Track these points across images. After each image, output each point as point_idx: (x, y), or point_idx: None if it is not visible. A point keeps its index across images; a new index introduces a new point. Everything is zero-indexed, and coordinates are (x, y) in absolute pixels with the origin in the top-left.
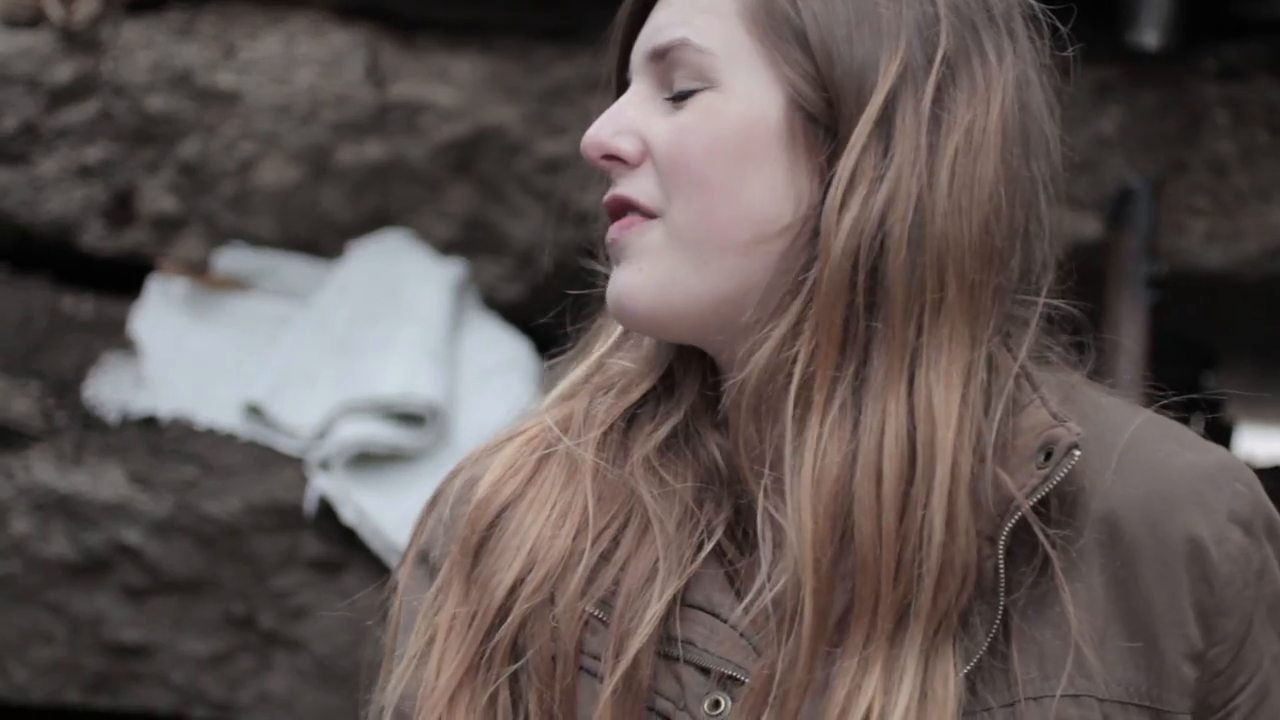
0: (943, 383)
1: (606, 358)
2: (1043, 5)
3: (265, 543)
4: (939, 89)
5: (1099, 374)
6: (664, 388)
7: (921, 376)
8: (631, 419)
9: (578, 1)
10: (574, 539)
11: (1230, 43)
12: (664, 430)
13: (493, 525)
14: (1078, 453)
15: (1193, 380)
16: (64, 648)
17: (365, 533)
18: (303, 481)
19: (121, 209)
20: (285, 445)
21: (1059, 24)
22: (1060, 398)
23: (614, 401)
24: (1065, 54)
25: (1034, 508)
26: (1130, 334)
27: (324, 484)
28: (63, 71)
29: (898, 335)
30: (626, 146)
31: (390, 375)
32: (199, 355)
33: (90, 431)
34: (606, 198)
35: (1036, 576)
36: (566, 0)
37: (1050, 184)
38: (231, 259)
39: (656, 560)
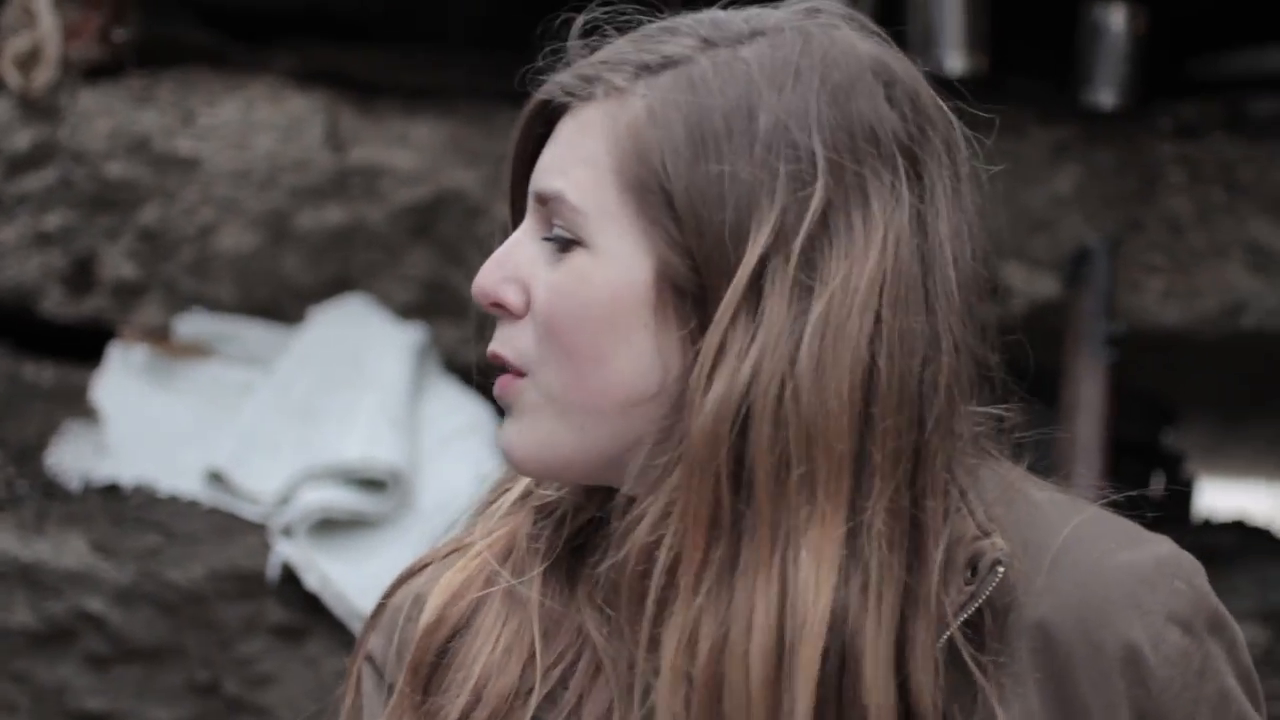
0: (814, 558)
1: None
2: (972, 95)
3: (229, 610)
4: (808, 251)
5: (1051, 446)
6: (605, 516)
7: (792, 554)
8: (576, 547)
9: (538, 66)
10: (520, 675)
11: (1186, 101)
12: (607, 564)
13: (440, 654)
14: (1000, 570)
15: (1152, 437)
16: (28, 717)
17: (329, 599)
18: (265, 548)
19: (81, 275)
20: (248, 512)
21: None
22: (997, 497)
23: (553, 532)
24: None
25: (968, 622)
26: (1089, 392)
27: (287, 550)
28: (21, 139)
29: (765, 515)
30: (511, 298)
31: (352, 441)
32: (160, 423)
33: (52, 500)
34: (489, 350)
35: (971, 705)
36: (526, 62)
37: (966, 310)
38: (192, 325)
39: (611, 702)
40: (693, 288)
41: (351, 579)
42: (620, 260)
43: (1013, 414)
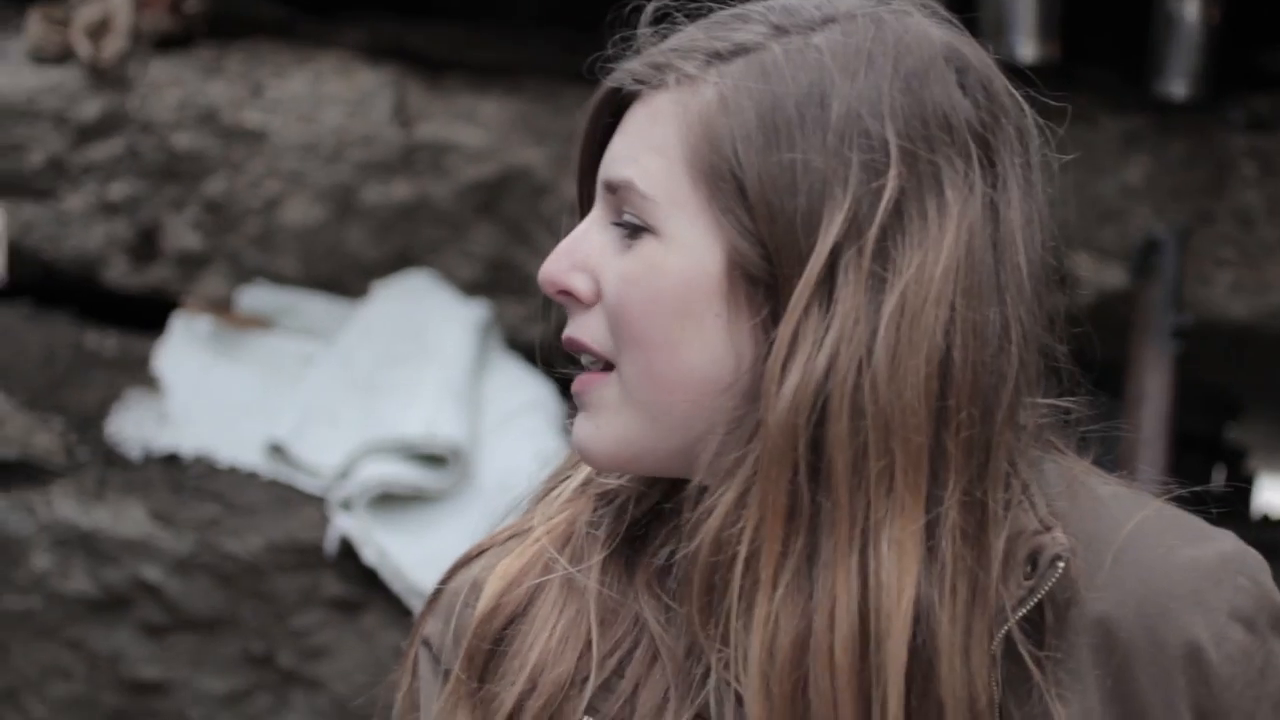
0: (895, 551)
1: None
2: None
3: (285, 582)
4: (881, 241)
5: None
6: (668, 506)
7: (873, 547)
8: (636, 536)
9: (606, 43)
10: (576, 663)
11: (1258, 94)
12: (666, 553)
13: (497, 641)
14: (1061, 565)
15: (1216, 431)
16: (82, 684)
17: (386, 573)
18: (324, 521)
19: (146, 246)
20: (307, 485)
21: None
22: (1060, 491)
23: (613, 520)
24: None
25: (1026, 617)
26: (1155, 384)
27: (345, 524)
28: (90, 108)
29: (844, 506)
30: (580, 286)
31: (413, 416)
32: (222, 393)
33: (112, 468)
34: (564, 336)
35: (1027, 699)
36: (595, 42)
37: (1035, 300)
38: (255, 297)
39: (668, 689)
40: (765, 276)
41: (409, 553)
42: (691, 248)
43: (1078, 407)
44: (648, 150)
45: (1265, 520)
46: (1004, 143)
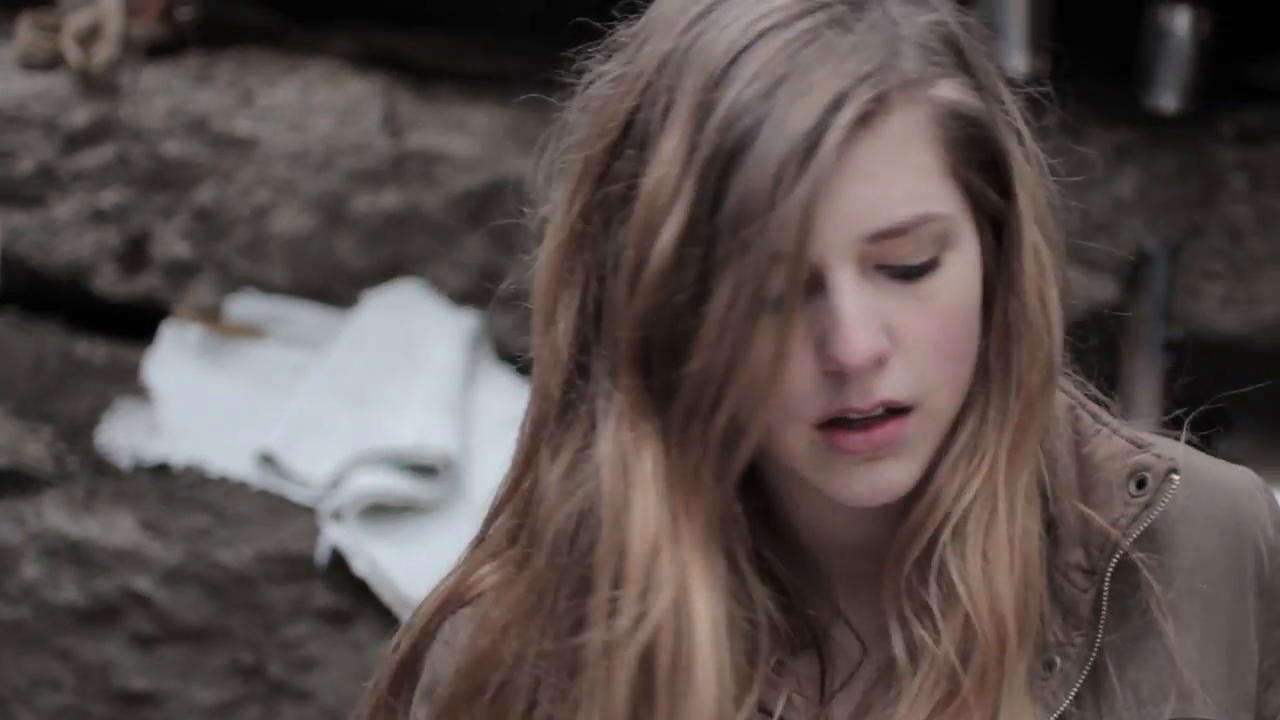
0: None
1: None
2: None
3: (276, 592)
4: (1024, 177)
5: None
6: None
7: (1020, 496)
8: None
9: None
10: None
11: (1249, 107)
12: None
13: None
14: (1176, 477)
15: (1207, 444)
16: (72, 694)
17: (377, 584)
18: (315, 532)
19: (135, 254)
20: (298, 495)
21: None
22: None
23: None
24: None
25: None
26: (1145, 398)
27: (336, 534)
28: (80, 115)
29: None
30: (886, 345)
31: (404, 426)
32: (212, 403)
33: (102, 478)
34: (865, 404)
35: (1131, 611)
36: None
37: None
38: (245, 306)
39: (819, 670)
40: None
41: (400, 565)
42: (971, 245)
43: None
44: (915, 175)
45: None
46: (1011, 134)
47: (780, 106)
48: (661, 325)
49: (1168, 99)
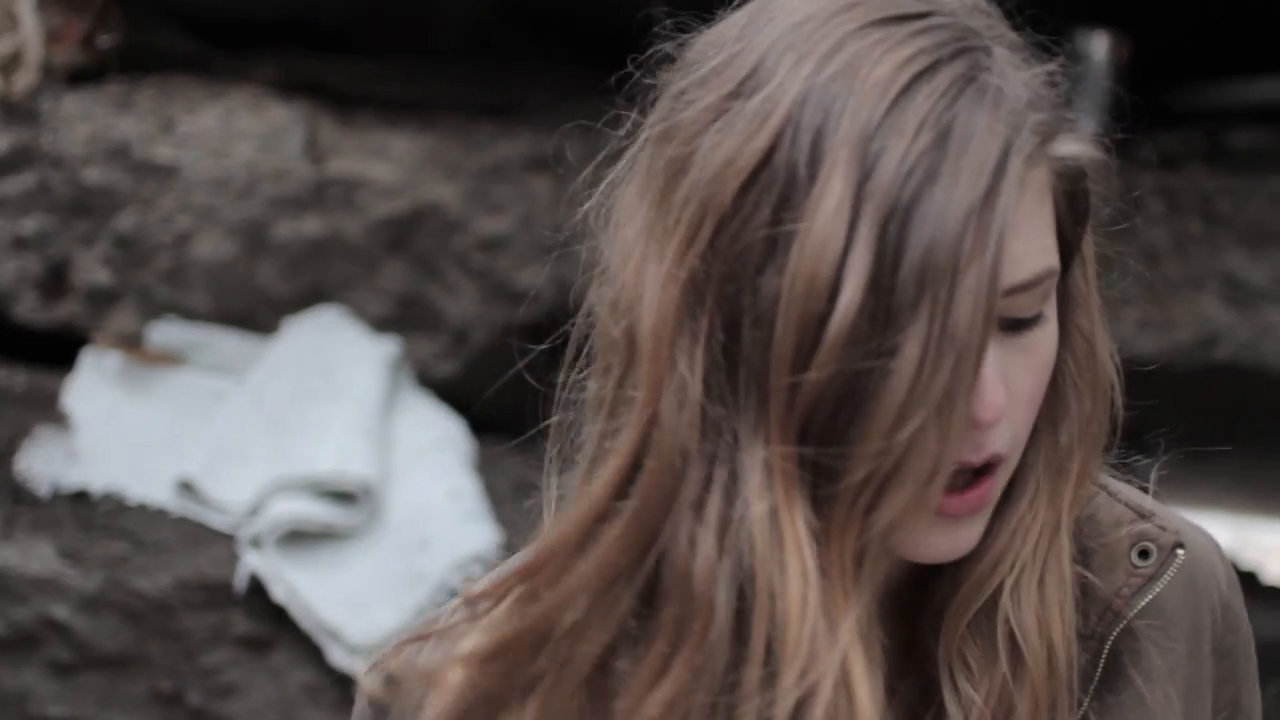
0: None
1: None
2: None
3: (195, 620)
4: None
5: None
6: None
7: (1062, 537)
8: None
9: (518, 80)
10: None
11: (1166, 132)
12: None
13: None
14: (1181, 552)
15: (1122, 466)
16: None
17: (295, 611)
18: (233, 559)
19: (56, 281)
20: (217, 522)
21: None
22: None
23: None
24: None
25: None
26: None
27: (255, 561)
28: (0, 142)
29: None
30: (1006, 399)
31: (324, 453)
32: (132, 430)
33: (20, 505)
34: (977, 458)
35: (1120, 675)
36: (507, 79)
37: None
38: (166, 333)
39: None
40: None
41: (319, 591)
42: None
43: None
44: (1045, 229)
45: None
46: None
47: (951, 159)
48: (835, 388)
49: (1085, 123)
